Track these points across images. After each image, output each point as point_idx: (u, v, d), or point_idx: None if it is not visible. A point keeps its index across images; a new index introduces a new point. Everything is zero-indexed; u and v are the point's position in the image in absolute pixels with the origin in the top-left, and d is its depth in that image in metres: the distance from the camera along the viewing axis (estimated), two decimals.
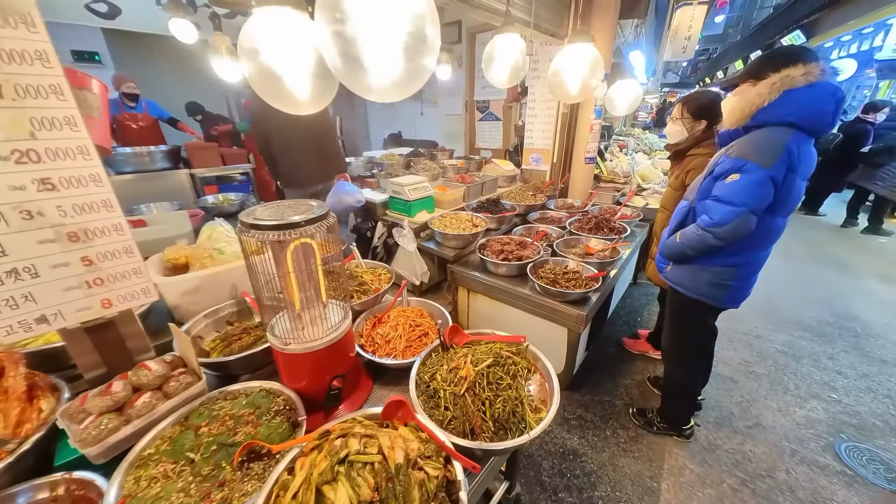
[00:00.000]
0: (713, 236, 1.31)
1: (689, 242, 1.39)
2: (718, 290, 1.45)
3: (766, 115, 1.19)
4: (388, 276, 1.77)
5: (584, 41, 1.56)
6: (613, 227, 2.46)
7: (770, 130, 1.20)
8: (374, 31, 0.76)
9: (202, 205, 2.87)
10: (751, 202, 1.22)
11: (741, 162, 1.24)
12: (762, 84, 1.19)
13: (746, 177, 1.20)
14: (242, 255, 0.98)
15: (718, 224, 1.27)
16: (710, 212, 1.31)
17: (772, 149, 1.17)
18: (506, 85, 1.84)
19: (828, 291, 3.17)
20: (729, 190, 1.26)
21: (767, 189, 1.21)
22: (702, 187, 1.40)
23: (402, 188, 2.49)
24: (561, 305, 1.83)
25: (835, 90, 1.15)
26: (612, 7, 2.77)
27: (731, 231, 1.26)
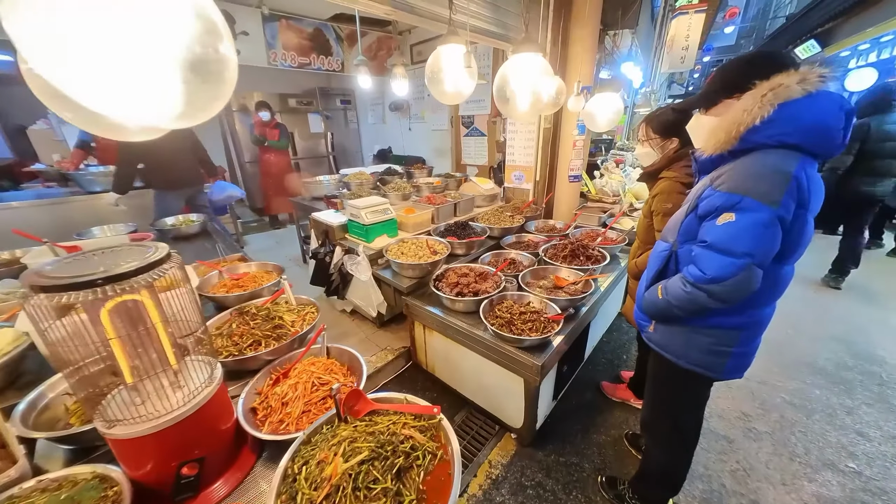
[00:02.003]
0: (707, 295, 0.99)
1: (676, 301, 1.07)
2: (717, 359, 1.11)
3: (759, 136, 0.92)
4: (313, 316, 1.56)
5: (531, 51, 1.36)
6: (591, 255, 2.20)
7: (768, 155, 0.92)
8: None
9: (160, 227, 2.74)
10: (755, 251, 0.92)
11: (736, 198, 0.93)
12: (748, 97, 0.93)
13: (746, 217, 0.91)
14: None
15: (714, 280, 0.96)
16: (700, 262, 1.00)
17: (775, 180, 0.90)
18: (451, 101, 1.63)
19: (847, 326, 2.79)
20: (724, 235, 0.95)
21: (774, 233, 0.92)
22: (684, 226, 1.09)
23: (358, 211, 2.30)
24: (516, 352, 1.58)
25: (841, 101, 0.90)
26: (592, 15, 2.57)
27: (730, 289, 0.96)
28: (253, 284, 1.79)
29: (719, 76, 1.06)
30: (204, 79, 0.59)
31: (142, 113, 0.57)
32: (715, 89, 1.06)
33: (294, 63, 3.91)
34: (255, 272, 1.93)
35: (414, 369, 2.29)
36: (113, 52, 0.48)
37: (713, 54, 17.71)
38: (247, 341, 1.35)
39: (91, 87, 0.49)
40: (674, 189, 1.46)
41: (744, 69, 1.01)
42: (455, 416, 1.98)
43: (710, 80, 1.08)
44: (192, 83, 0.58)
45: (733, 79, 1.02)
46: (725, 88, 1.03)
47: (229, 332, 1.39)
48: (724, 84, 1.04)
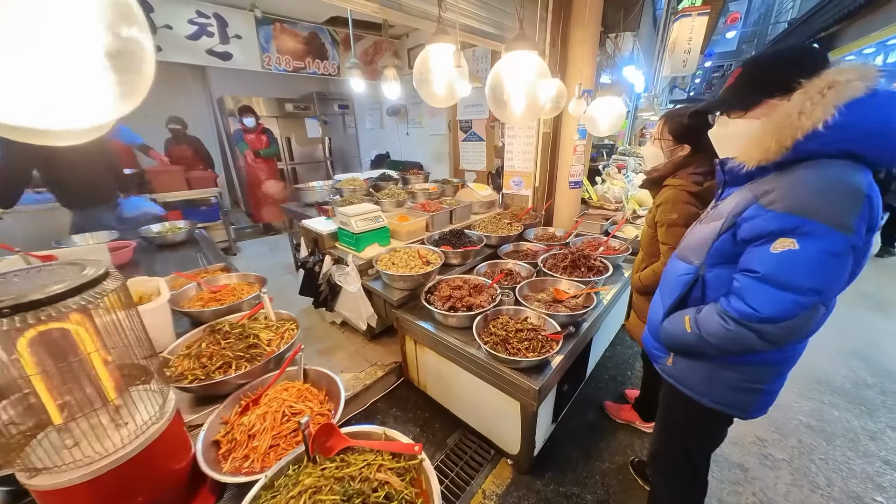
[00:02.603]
0: (758, 336, 0.83)
1: (713, 339, 0.90)
2: (745, 397, 0.97)
3: (817, 144, 0.76)
4: (292, 334, 1.44)
5: (526, 49, 1.25)
6: (592, 266, 2.08)
7: (831, 168, 0.77)
8: None
9: (145, 234, 2.64)
10: (823, 287, 0.77)
11: (798, 221, 0.77)
12: (799, 96, 0.77)
13: (812, 245, 0.75)
14: None
15: (769, 319, 0.80)
16: (749, 296, 0.83)
17: (847, 199, 0.75)
18: (442, 103, 1.53)
19: (865, 340, 2.64)
20: (784, 266, 0.78)
21: (845, 264, 0.77)
22: (715, 247, 0.93)
23: (348, 219, 2.19)
24: (511, 374, 1.45)
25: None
26: (593, 17, 2.48)
27: (789, 330, 0.80)
28: (231, 298, 1.68)
29: (755, 73, 0.89)
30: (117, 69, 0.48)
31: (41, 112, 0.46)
32: (751, 89, 0.88)
33: (289, 67, 3.84)
34: (235, 284, 1.83)
35: (405, 386, 2.17)
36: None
37: (714, 59, 17.70)
38: (216, 363, 1.24)
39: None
40: (679, 198, 1.35)
41: (786, 65, 0.85)
42: (448, 438, 1.85)
43: (742, 79, 0.91)
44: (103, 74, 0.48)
45: (775, 76, 0.85)
46: (766, 87, 0.85)
47: (198, 352, 1.27)
48: (766, 82, 0.86)
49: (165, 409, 0.90)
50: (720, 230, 0.92)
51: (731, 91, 0.93)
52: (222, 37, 3.32)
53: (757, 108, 0.88)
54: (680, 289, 1.02)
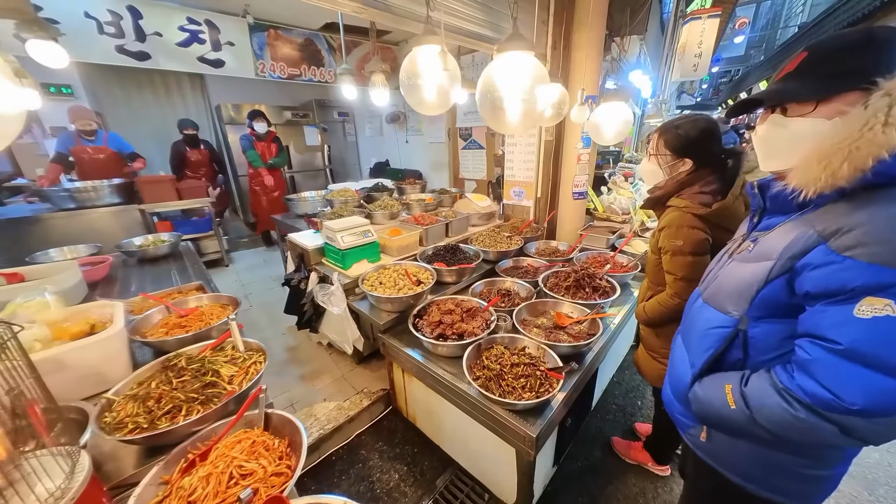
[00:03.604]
0: (841, 431, 0.61)
1: (771, 426, 0.68)
2: (810, 486, 0.77)
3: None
4: (257, 368, 1.28)
5: (520, 50, 1.10)
6: (598, 287, 1.90)
7: None
8: None
9: (126, 248, 2.52)
10: None
11: (894, 274, 0.57)
12: (879, 101, 0.57)
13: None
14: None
15: (862, 412, 0.59)
16: (823, 374, 0.62)
17: None
18: (432, 111, 1.38)
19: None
20: (880, 337, 0.58)
21: None
22: (762, 297, 0.72)
23: (334, 234, 2.05)
24: (506, 415, 1.28)
25: None
26: (596, 20, 2.33)
27: (888, 427, 0.59)
28: (199, 324, 1.53)
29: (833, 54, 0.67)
30: None
31: None
32: (827, 74, 0.66)
33: (283, 74, 3.74)
34: (206, 307, 1.67)
35: (393, 416, 2.00)
36: None
37: (722, 65, 17.47)
38: (165, 407, 1.08)
39: None
40: (684, 222, 1.17)
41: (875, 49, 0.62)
42: (437, 478, 1.67)
43: (811, 61, 0.69)
44: None
45: (858, 63, 0.62)
46: (847, 75, 0.63)
47: (145, 393, 1.12)
48: (848, 68, 0.64)
49: (75, 479, 0.74)
50: (769, 275, 0.71)
51: (796, 76, 0.70)
52: (214, 44, 3.24)
53: (832, 102, 0.65)
54: (714, 345, 0.80)
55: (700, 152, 1.20)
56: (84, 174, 3.54)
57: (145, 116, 5.24)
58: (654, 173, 1.30)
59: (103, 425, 1.02)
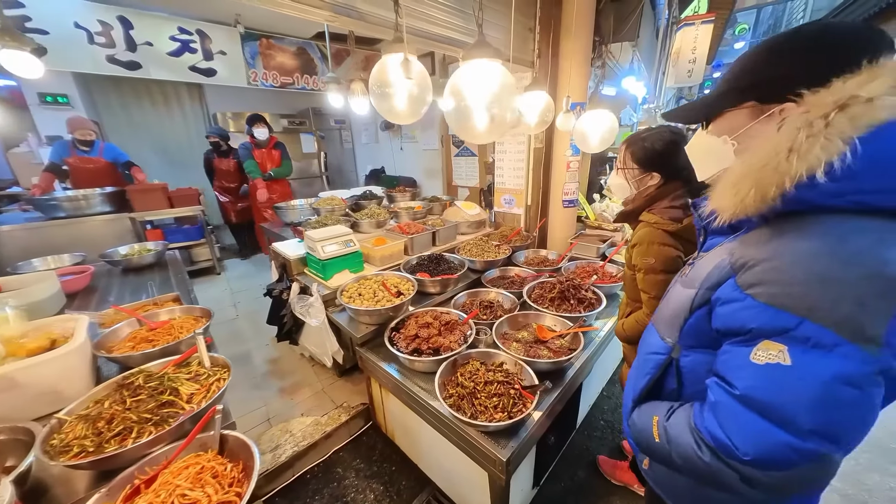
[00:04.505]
0: (741, 480, 0.56)
1: (684, 464, 0.63)
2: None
3: (822, 195, 0.51)
4: (219, 385, 1.24)
5: (486, 57, 1.07)
6: (583, 298, 1.84)
7: (848, 238, 0.50)
8: None
9: (110, 257, 2.50)
10: (834, 432, 0.50)
11: (789, 319, 0.51)
12: (794, 121, 0.52)
13: (814, 363, 0.50)
14: None
15: (753, 463, 0.54)
16: (722, 417, 0.58)
17: (874, 291, 0.47)
18: (405, 119, 1.35)
19: None
20: (771, 386, 0.53)
21: (871, 397, 0.49)
22: (690, 325, 0.67)
23: (314, 243, 2.01)
24: (477, 436, 1.22)
25: None
26: (582, 27, 2.31)
27: (785, 482, 0.54)
28: (167, 338, 1.49)
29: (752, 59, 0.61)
30: None
31: None
32: (738, 85, 0.62)
33: (276, 83, 3.75)
34: (178, 320, 1.64)
35: (373, 432, 1.94)
36: None
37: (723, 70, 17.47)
38: (115, 429, 1.04)
39: None
40: (655, 239, 1.13)
41: (797, 56, 0.56)
42: (414, 499, 1.61)
43: (743, 63, 0.63)
44: None
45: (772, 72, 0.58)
46: (756, 86, 0.59)
47: (96, 414, 1.08)
48: (757, 78, 0.59)
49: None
50: (692, 304, 0.66)
51: (722, 82, 0.65)
52: (206, 53, 3.25)
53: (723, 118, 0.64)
54: (650, 372, 0.76)
55: (667, 165, 1.16)
56: (78, 183, 3.55)
57: (144, 125, 5.28)
58: (623, 187, 1.26)
59: (49, 448, 0.98)
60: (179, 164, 5.50)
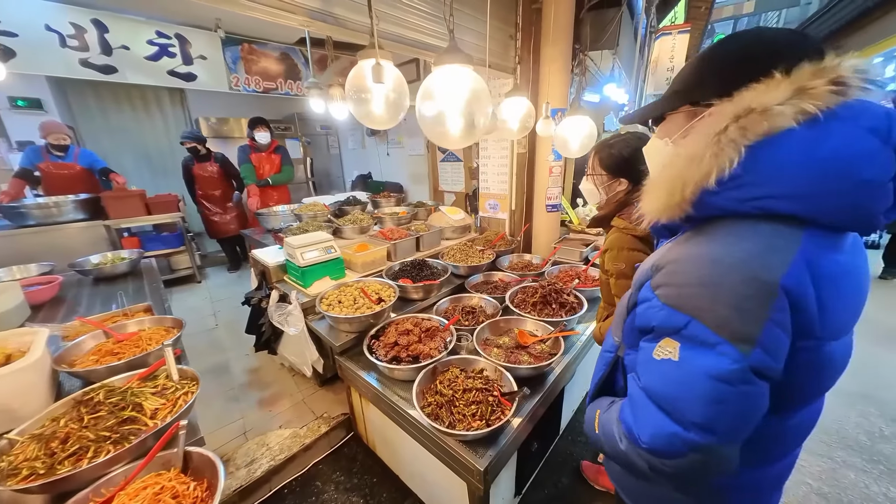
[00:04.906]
0: (649, 468, 0.59)
1: (611, 451, 0.66)
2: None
3: (724, 200, 0.54)
4: (187, 398, 1.19)
5: (457, 63, 1.06)
6: (565, 303, 1.85)
7: (736, 241, 0.53)
8: None
9: (80, 266, 2.41)
10: (714, 425, 0.53)
11: (680, 318, 0.55)
12: (704, 128, 0.55)
13: (696, 360, 0.53)
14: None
15: (651, 451, 0.58)
16: (635, 411, 0.62)
17: (745, 297, 0.50)
18: (382, 125, 1.34)
19: (875, 378, 2.38)
20: (664, 381, 0.57)
21: (747, 397, 0.52)
22: (628, 324, 0.70)
23: (293, 250, 1.97)
24: (455, 446, 1.19)
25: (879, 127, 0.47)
26: (561, 35, 2.35)
27: (677, 471, 0.57)
28: (134, 350, 1.43)
29: (691, 64, 0.64)
30: None
31: None
32: (678, 88, 0.64)
33: (259, 88, 3.71)
34: (147, 331, 1.58)
35: (355, 443, 1.89)
36: None
37: None
38: (70, 448, 0.98)
39: None
40: (624, 244, 1.14)
41: (709, 58, 0.60)
42: None
43: (679, 72, 0.67)
44: None
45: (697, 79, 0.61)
46: (689, 91, 0.62)
47: (50, 433, 1.02)
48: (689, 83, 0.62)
49: None
50: (628, 304, 0.69)
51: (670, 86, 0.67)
52: (185, 57, 3.20)
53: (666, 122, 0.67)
54: (602, 368, 0.81)
55: (634, 171, 1.18)
56: (51, 190, 3.43)
57: (123, 130, 5.15)
58: (593, 193, 1.27)
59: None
60: (161, 171, 5.38)
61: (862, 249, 0.59)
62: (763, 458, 0.66)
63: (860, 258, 0.57)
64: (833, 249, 0.52)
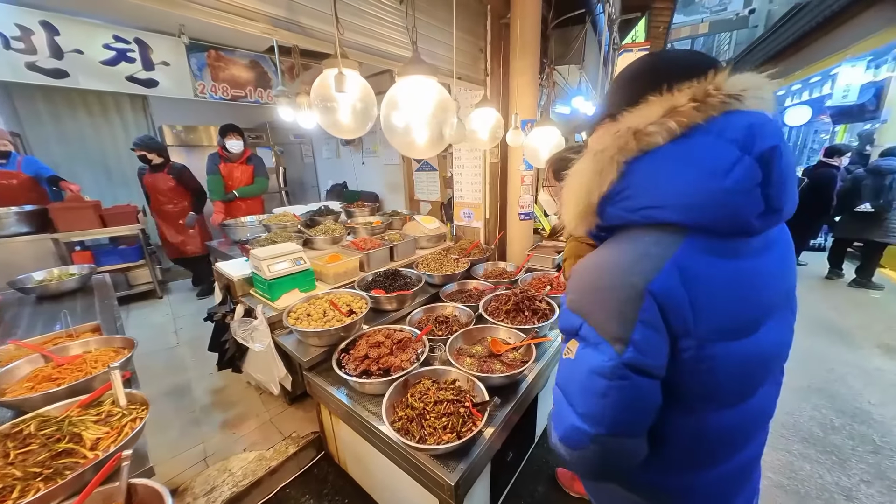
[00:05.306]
0: (568, 459, 0.64)
1: (553, 446, 0.70)
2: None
3: (619, 210, 0.59)
4: (133, 425, 1.10)
5: (421, 74, 1.07)
6: (537, 310, 1.86)
7: (615, 249, 0.60)
8: None
9: (22, 284, 2.21)
10: (598, 417, 0.57)
11: (575, 320, 0.61)
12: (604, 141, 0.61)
13: (584, 357, 0.59)
14: None
15: (563, 442, 0.63)
16: (555, 407, 0.67)
17: (617, 300, 0.55)
18: (349, 134, 1.32)
19: (826, 372, 2.54)
20: (565, 375, 0.64)
21: (626, 388, 0.55)
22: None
23: (259, 262, 1.90)
24: (426, 460, 1.16)
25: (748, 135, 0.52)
26: (528, 49, 2.43)
27: (581, 461, 0.62)
28: (77, 375, 1.31)
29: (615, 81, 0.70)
30: None
31: None
32: (604, 102, 0.70)
33: (227, 95, 3.60)
34: (93, 353, 1.46)
35: (325, 462, 1.81)
36: None
37: None
38: None
39: None
40: (581, 253, 1.17)
41: (618, 78, 0.67)
42: None
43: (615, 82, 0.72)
44: None
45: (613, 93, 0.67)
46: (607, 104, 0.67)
47: None
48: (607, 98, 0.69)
49: None
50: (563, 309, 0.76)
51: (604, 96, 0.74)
52: (146, 63, 3.06)
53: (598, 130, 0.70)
54: None
55: None
56: None
57: (79, 138, 4.85)
58: (549, 204, 1.31)
59: None
60: (120, 181, 5.10)
61: (774, 251, 0.62)
62: (703, 460, 0.68)
63: (766, 260, 0.61)
64: (717, 254, 0.55)
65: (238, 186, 3.63)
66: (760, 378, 0.66)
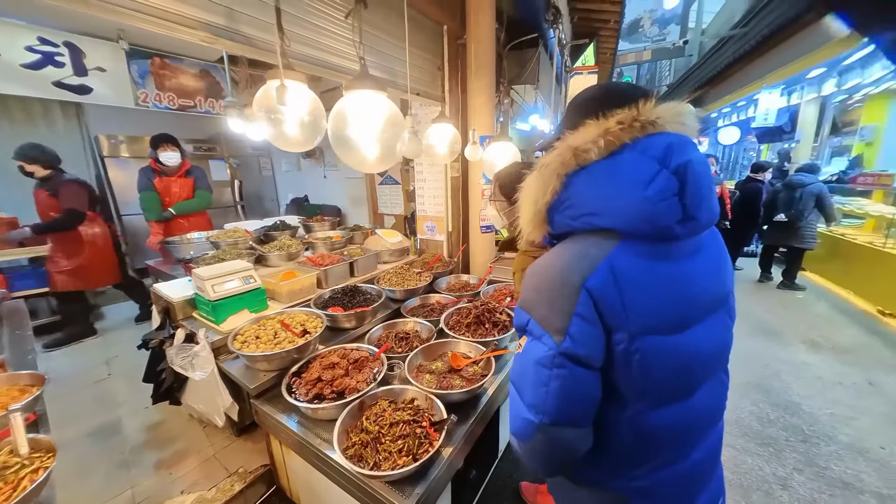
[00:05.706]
0: (521, 454, 0.70)
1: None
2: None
3: (565, 218, 0.67)
4: (35, 476, 0.95)
5: (367, 89, 1.06)
6: (497, 321, 1.87)
7: (558, 251, 0.67)
8: None
9: None
10: (542, 406, 0.62)
11: (524, 316, 0.68)
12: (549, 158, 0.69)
13: (530, 349, 0.66)
14: None
15: (515, 434, 0.69)
16: (510, 404, 0.74)
17: (556, 295, 0.61)
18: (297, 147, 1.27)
19: (762, 368, 2.77)
20: (516, 370, 0.71)
21: (566, 377, 0.60)
22: None
23: (202, 282, 1.76)
24: (381, 488, 1.10)
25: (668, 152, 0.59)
26: (483, 69, 2.52)
27: (531, 454, 0.67)
28: None
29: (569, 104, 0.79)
30: None
31: None
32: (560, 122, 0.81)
33: (173, 105, 3.39)
34: None
35: (277, 498, 1.67)
36: None
37: None
38: None
39: None
40: (525, 266, 1.21)
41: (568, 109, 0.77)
42: None
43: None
44: None
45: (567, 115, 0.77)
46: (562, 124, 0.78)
47: None
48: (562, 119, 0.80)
49: None
50: None
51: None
52: (77, 68, 2.82)
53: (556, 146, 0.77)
54: None
55: None
56: None
57: None
58: (496, 218, 1.34)
59: None
60: None
61: (704, 255, 0.68)
62: (651, 458, 0.70)
63: (697, 263, 0.67)
64: (648, 256, 0.62)
65: (177, 202, 3.28)
66: (700, 377, 0.70)
